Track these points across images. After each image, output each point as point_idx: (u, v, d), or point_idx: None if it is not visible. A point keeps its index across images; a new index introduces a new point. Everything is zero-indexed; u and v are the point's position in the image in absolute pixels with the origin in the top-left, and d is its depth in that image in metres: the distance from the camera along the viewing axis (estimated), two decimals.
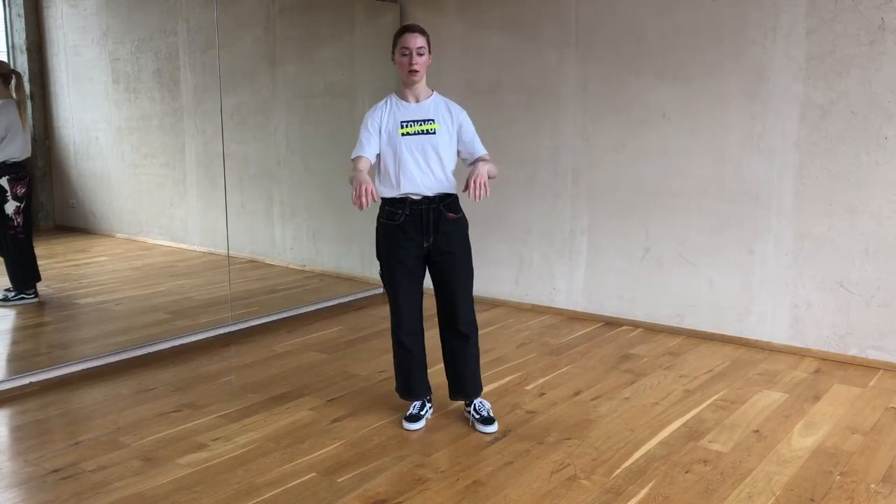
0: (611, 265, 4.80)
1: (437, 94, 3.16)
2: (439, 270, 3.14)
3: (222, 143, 4.71)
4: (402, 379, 3.27)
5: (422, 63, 3.01)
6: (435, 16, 5.30)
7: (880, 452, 2.99)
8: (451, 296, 3.14)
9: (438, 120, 3.07)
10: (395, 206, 3.07)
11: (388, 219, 3.10)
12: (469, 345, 3.20)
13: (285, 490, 2.67)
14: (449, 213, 3.09)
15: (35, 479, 2.76)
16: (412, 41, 2.99)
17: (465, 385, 3.24)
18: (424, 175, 3.03)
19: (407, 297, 3.15)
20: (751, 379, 3.81)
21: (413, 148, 3.02)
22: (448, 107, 3.13)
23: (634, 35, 4.51)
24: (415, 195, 3.04)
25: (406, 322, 3.18)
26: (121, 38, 4.90)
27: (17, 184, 3.97)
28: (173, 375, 3.88)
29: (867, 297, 3.96)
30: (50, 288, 4.41)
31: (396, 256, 3.10)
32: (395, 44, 3.05)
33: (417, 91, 3.08)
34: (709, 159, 4.35)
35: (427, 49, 3.03)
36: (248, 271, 5.39)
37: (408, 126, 3.04)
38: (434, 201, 3.06)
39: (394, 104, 3.10)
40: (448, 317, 3.18)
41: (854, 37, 3.84)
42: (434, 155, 3.04)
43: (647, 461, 2.90)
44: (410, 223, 3.06)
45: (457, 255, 3.12)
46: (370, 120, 3.08)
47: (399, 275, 3.12)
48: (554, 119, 4.87)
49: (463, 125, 3.12)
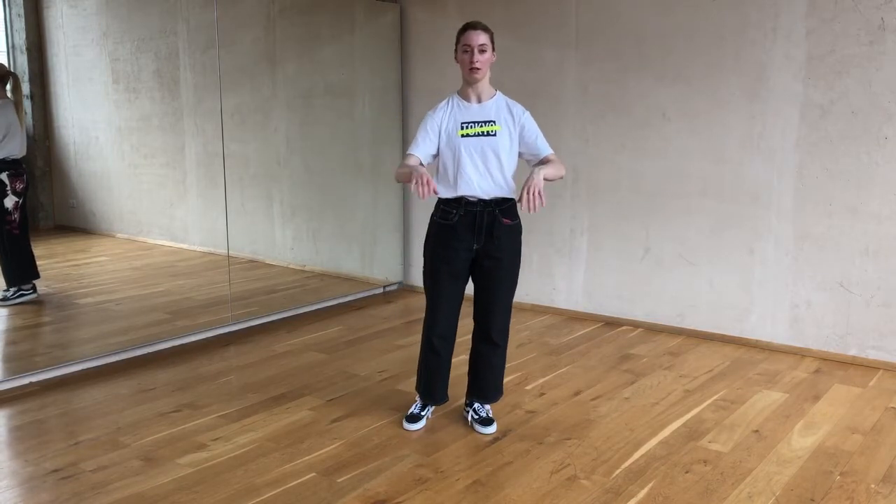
0: (611, 265, 4.80)
1: (501, 94, 3.08)
2: (483, 275, 3.07)
3: (222, 143, 4.71)
4: (426, 380, 3.22)
5: (484, 61, 2.93)
6: (435, 16, 5.30)
7: (880, 452, 2.99)
8: (490, 302, 3.09)
9: (500, 121, 2.99)
10: (450, 205, 3.01)
11: (442, 218, 3.04)
12: (497, 353, 3.16)
13: (285, 490, 2.67)
14: (504, 219, 3.01)
15: (35, 479, 2.76)
16: (474, 38, 2.91)
17: (487, 391, 3.21)
18: (482, 178, 2.97)
19: (446, 299, 3.09)
20: (751, 379, 3.81)
21: (472, 150, 2.96)
22: (510, 107, 3.04)
23: (634, 36, 4.51)
24: (471, 197, 2.99)
25: (441, 324, 3.11)
26: (121, 38, 4.89)
27: (16, 179, 4.04)
28: (173, 375, 3.88)
29: (867, 297, 3.96)
30: (50, 288, 4.41)
31: (444, 256, 3.04)
32: (457, 41, 2.97)
33: (479, 90, 3.01)
34: (709, 159, 4.35)
35: (490, 46, 2.94)
36: (248, 271, 5.38)
37: (468, 127, 2.97)
38: (490, 205, 2.99)
39: (455, 104, 3.03)
40: (482, 322, 3.13)
41: (854, 37, 3.84)
42: (494, 157, 2.96)
43: (647, 461, 2.90)
44: (463, 224, 3.00)
45: (504, 262, 3.05)
46: (430, 120, 3.02)
47: (443, 275, 3.06)
48: (554, 119, 4.87)
49: (525, 126, 3.02)
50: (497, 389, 3.23)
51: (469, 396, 3.26)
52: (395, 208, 5.71)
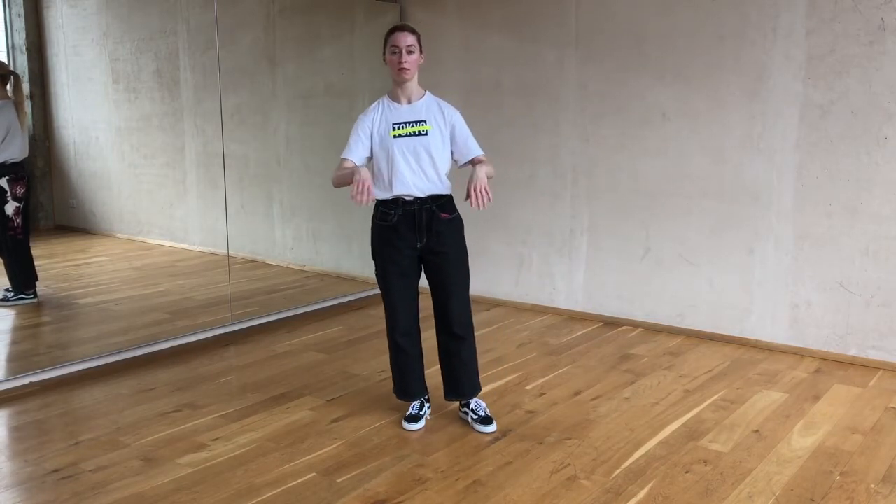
0: (611, 265, 4.80)
1: (430, 94, 3.13)
2: (433, 271, 3.13)
3: (222, 143, 4.71)
4: (399, 379, 3.26)
5: (412, 62, 2.98)
6: (435, 16, 5.30)
7: (880, 452, 2.99)
8: (445, 297, 3.13)
9: (430, 121, 3.04)
10: (388, 206, 3.06)
11: (381, 219, 3.09)
12: (464, 346, 3.18)
13: (285, 490, 2.67)
14: (442, 214, 3.07)
15: (35, 479, 2.76)
16: (402, 39, 2.97)
17: (461, 386, 3.22)
18: (416, 177, 3.02)
19: (400, 298, 3.14)
20: (751, 379, 3.81)
21: (405, 150, 3.01)
22: (441, 107, 3.10)
23: (634, 35, 4.51)
24: (407, 196, 3.04)
25: (401, 322, 3.16)
26: (121, 38, 4.90)
27: (16, 184, 3.99)
28: (173, 375, 3.88)
29: (867, 297, 3.96)
30: (50, 288, 4.41)
31: (390, 257, 3.09)
32: (385, 43, 3.03)
33: (409, 91, 3.06)
34: (709, 159, 4.35)
35: (418, 48, 3.00)
36: (248, 271, 5.38)
37: (399, 128, 3.02)
38: (427, 202, 3.04)
39: (386, 106, 3.09)
40: (443, 318, 3.17)
41: (854, 37, 3.84)
42: (426, 156, 3.02)
43: (647, 461, 2.90)
44: (403, 223, 3.05)
45: (450, 255, 3.10)
46: (361, 123, 3.07)
47: (393, 275, 3.11)
48: (554, 119, 4.87)
49: (456, 126, 3.09)
50: (473, 382, 3.24)
51: (448, 395, 3.27)
52: None
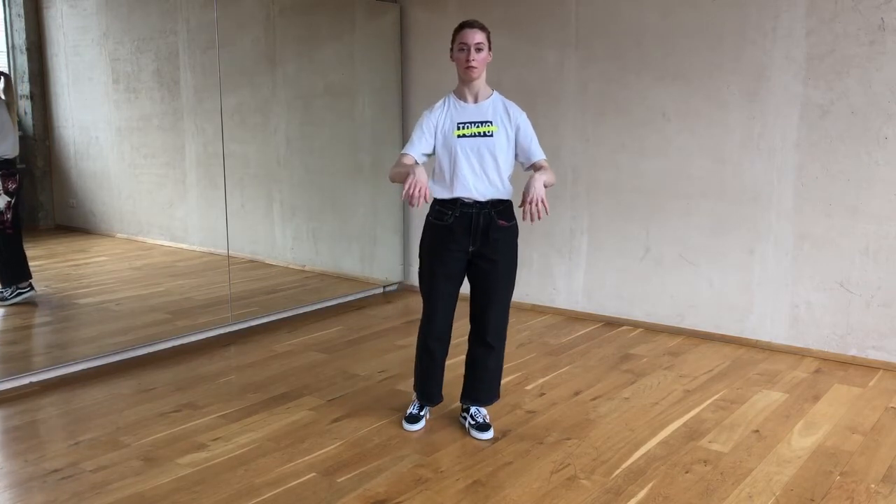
0: (611, 265, 4.80)
1: (498, 93, 3.03)
2: (479, 277, 3.04)
3: (222, 143, 4.71)
4: (421, 381, 3.21)
5: (480, 60, 2.89)
6: (435, 16, 5.30)
7: (880, 452, 2.99)
8: (486, 305, 3.06)
9: (496, 122, 2.94)
10: (446, 206, 2.97)
11: (437, 218, 3.01)
12: (492, 356, 3.12)
13: (285, 490, 2.67)
14: (500, 221, 2.97)
15: (34, 479, 2.75)
16: (470, 36, 2.88)
17: (480, 394, 3.18)
18: (478, 180, 2.93)
19: (442, 299, 3.05)
20: (751, 379, 3.81)
21: (469, 150, 2.91)
22: (507, 107, 2.98)
23: (635, 35, 4.51)
24: (467, 199, 2.95)
25: (437, 324, 3.08)
26: (121, 38, 4.89)
27: (8, 179, 4.04)
28: (173, 375, 3.88)
29: (867, 297, 3.96)
30: (50, 288, 4.41)
31: (440, 257, 3.01)
32: (453, 40, 2.94)
33: (476, 90, 2.96)
34: (709, 159, 4.35)
35: (487, 45, 2.91)
36: (248, 271, 5.38)
37: (464, 128, 2.93)
38: (486, 207, 2.95)
39: (451, 104, 2.99)
40: (478, 324, 3.10)
41: (854, 37, 3.84)
42: (490, 158, 2.92)
43: (647, 461, 2.90)
44: (459, 226, 2.96)
45: (500, 264, 3.01)
46: (426, 119, 2.98)
47: (440, 277, 3.03)
48: (554, 119, 4.87)
49: (521, 127, 2.97)
50: (492, 392, 3.19)
51: (464, 399, 3.22)
52: (394, 208, 5.71)
